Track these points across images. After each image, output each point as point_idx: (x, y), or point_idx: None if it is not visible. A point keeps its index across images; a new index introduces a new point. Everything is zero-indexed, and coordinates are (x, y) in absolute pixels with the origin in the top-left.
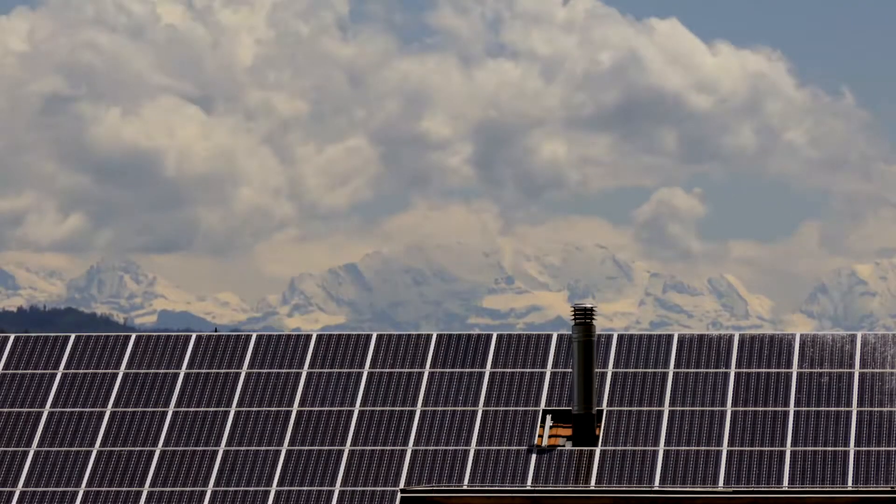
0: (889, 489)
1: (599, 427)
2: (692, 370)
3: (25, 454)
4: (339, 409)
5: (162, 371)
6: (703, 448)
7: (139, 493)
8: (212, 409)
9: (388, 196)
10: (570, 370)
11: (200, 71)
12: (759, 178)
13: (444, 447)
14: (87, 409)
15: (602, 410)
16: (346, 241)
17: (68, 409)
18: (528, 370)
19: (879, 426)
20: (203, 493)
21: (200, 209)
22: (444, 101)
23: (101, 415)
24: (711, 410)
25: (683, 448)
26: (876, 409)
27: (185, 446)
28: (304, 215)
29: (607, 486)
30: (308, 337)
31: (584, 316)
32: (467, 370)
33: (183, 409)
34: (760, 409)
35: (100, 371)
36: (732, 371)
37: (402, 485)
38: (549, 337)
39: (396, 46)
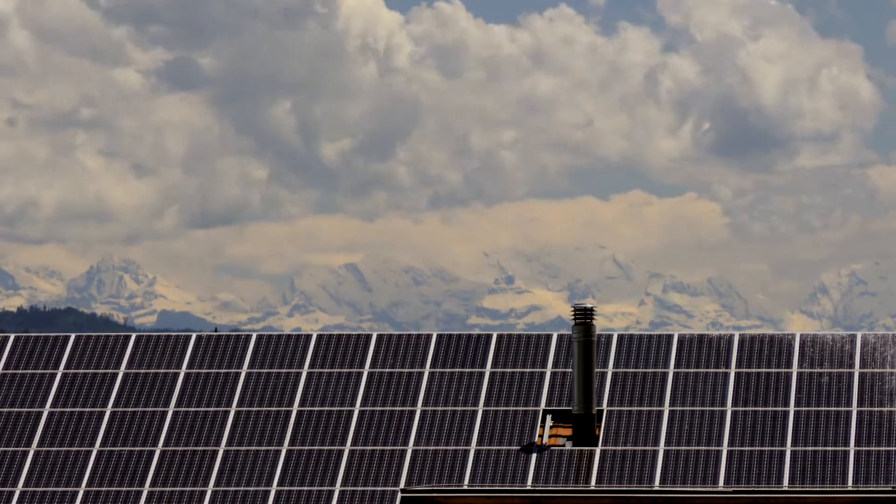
0: (889, 489)
1: (599, 427)
2: (692, 370)
3: (25, 454)
4: (339, 409)
5: (162, 371)
6: (703, 448)
7: (139, 493)
8: (212, 409)
9: None
10: (570, 370)
11: None
12: None
13: (444, 447)
14: (87, 409)
15: (602, 410)
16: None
17: (68, 409)
18: (528, 370)
19: (879, 426)
20: (203, 493)
21: None
22: None
23: (101, 415)
24: (711, 410)
25: (683, 448)
26: (876, 409)
27: (185, 446)
28: None
29: (607, 486)
30: (308, 337)
31: (584, 316)
32: (467, 370)
33: (183, 409)
34: (760, 409)
35: (100, 371)
36: (732, 371)
37: (402, 485)
38: (549, 337)
39: None
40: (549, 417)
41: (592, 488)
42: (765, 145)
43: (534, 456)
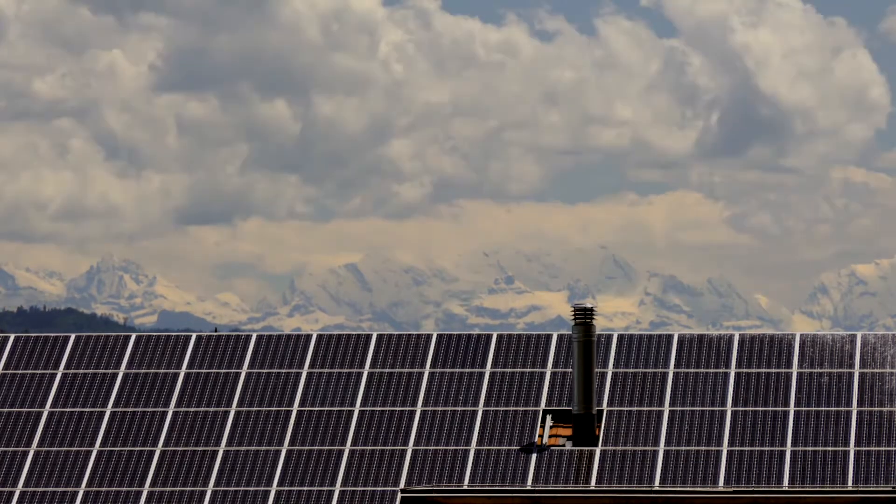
0: (889, 489)
1: (599, 427)
2: (692, 370)
3: (25, 454)
4: (339, 409)
5: (162, 371)
6: (703, 448)
7: (139, 493)
8: (212, 409)
9: None
10: (570, 370)
11: None
12: None
13: (444, 447)
14: (87, 409)
15: (602, 410)
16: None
17: (68, 409)
18: (528, 370)
19: (879, 426)
20: (203, 493)
21: None
22: None
23: (101, 415)
24: (711, 410)
25: (683, 448)
26: (876, 409)
27: (185, 446)
28: None
29: (607, 486)
30: (308, 337)
31: (584, 316)
32: (467, 370)
33: (183, 409)
34: (760, 409)
35: (100, 371)
36: (732, 371)
37: (402, 485)
38: (549, 337)
39: None
40: (549, 417)
41: (592, 488)
42: (766, 143)
43: (534, 456)
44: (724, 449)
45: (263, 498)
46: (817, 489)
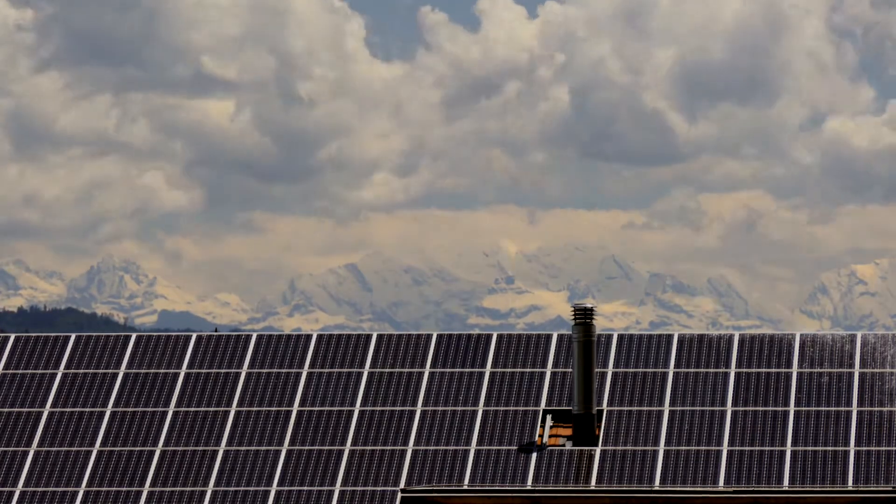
0: (889, 489)
1: (599, 427)
2: (692, 370)
3: (25, 454)
4: (339, 409)
5: (162, 371)
6: (703, 448)
7: (139, 493)
8: (212, 409)
9: None
10: (570, 370)
11: None
12: None
13: (444, 447)
14: (87, 409)
15: (602, 410)
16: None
17: (68, 409)
18: (528, 370)
19: (879, 426)
20: (203, 493)
21: None
22: None
23: (101, 415)
24: (711, 410)
25: (683, 448)
26: (876, 409)
27: (185, 446)
28: None
29: (607, 486)
30: (308, 337)
31: (584, 316)
32: (467, 370)
33: (183, 409)
34: (760, 409)
35: (100, 371)
36: (732, 371)
37: (402, 485)
38: (549, 337)
39: None
40: (549, 417)
41: (592, 488)
42: (764, 141)
43: (534, 456)
44: (724, 449)
45: (263, 498)
46: (817, 489)
